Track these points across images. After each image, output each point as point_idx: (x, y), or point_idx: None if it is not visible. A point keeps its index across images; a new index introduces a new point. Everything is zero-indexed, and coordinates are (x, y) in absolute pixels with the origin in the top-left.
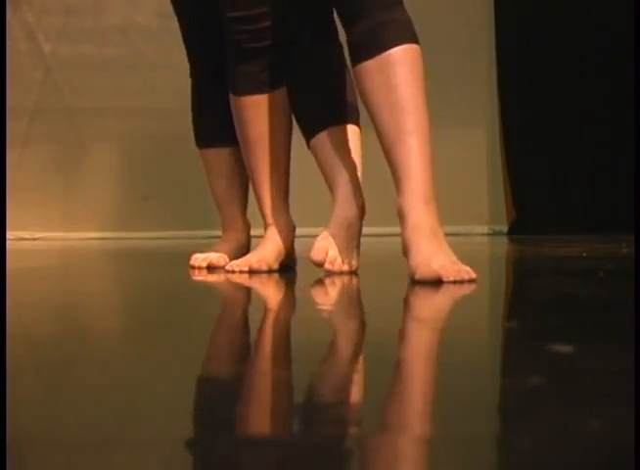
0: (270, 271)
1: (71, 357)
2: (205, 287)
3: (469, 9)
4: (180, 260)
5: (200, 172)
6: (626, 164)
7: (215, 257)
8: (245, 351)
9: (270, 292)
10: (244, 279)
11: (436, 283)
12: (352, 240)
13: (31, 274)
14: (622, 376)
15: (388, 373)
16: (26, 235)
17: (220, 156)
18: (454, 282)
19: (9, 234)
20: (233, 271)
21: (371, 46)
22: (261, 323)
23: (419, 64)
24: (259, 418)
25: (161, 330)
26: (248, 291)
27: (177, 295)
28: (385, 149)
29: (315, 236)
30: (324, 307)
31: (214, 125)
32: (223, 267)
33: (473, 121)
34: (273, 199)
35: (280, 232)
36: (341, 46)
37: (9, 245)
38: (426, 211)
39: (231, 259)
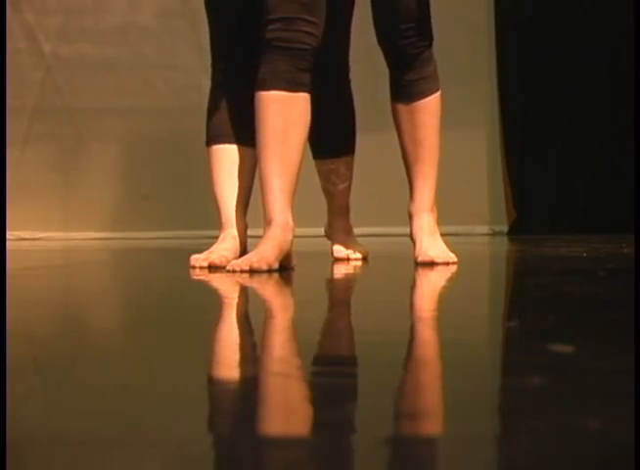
0: (270, 271)
1: (72, 357)
2: (206, 287)
3: (469, 9)
4: (180, 260)
5: (199, 172)
6: (627, 164)
7: (217, 257)
8: (245, 351)
9: (270, 292)
10: (244, 279)
11: (431, 264)
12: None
13: (31, 274)
14: (622, 376)
15: (389, 373)
16: (26, 235)
17: (227, 152)
18: (442, 264)
19: (9, 234)
20: (234, 271)
21: (409, 95)
22: (261, 323)
23: (438, 107)
24: (260, 418)
25: (162, 330)
26: (248, 291)
27: (177, 295)
28: (405, 164)
29: (314, 236)
30: (325, 308)
31: (227, 123)
32: (224, 267)
33: (473, 121)
34: (279, 197)
35: (281, 230)
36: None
37: (9, 245)
38: (427, 217)
39: (230, 259)
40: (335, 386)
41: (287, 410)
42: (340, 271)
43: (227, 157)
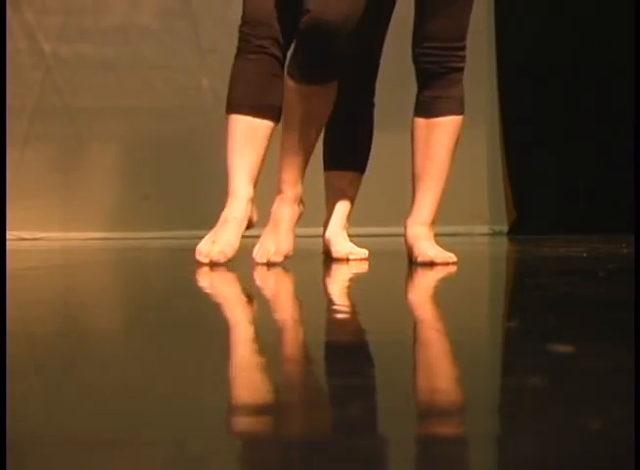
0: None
1: (72, 357)
2: (206, 287)
3: None
4: (180, 260)
5: (199, 172)
6: (627, 164)
7: (216, 253)
8: (245, 350)
9: (271, 292)
10: (243, 279)
11: (431, 264)
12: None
13: (31, 274)
14: (622, 376)
15: (389, 374)
16: (26, 235)
17: (244, 123)
18: (442, 264)
19: (9, 234)
20: (257, 263)
21: (427, 110)
22: (262, 323)
23: (455, 130)
24: (260, 418)
25: (162, 330)
26: (248, 291)
27: (178, 295)
28: (413, 176)
29: (314, 236)
30: (325, 309)
31: (249, 94)
32: (223, 263)
33: (473, 121)
34: (294, 170)
35: (288, 202)
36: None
37: (9, 245)
38: (423, 228)
39: (229, 255)
40: (335, 386)
41: (289, 410)
42: (339, 271)
43: (244, 127)
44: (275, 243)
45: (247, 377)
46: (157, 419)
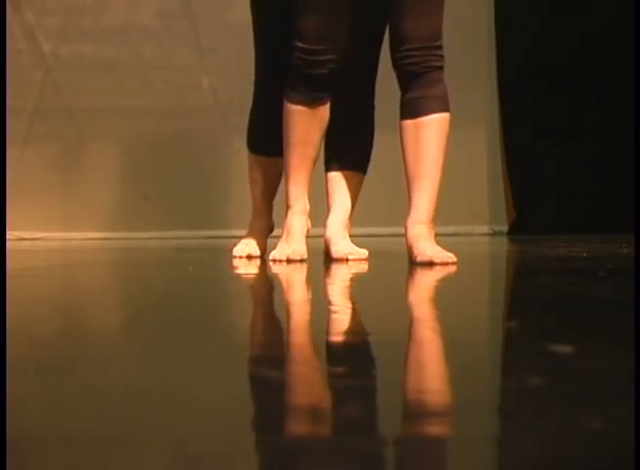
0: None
1: (72, 357)
2: (206, 287)
3: (468, 9)
4: (180, 260)
5: (199, 172)
6: (627, 164)
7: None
8: (246, 350)
9: (270, 293)
10: (244, 279)
11: (430, 264)
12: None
13: (31, 274)
14: (622, 376)
15: (389, 374)
16: (26, 235)
17: (273, 163)
18: (441, 263)
19: (9, 234)
20: (274, 261)
21: (412, 112)
22: (262, 323)
23: (443, 128)
24: (259, 418)
25: (162, 330)
26: (247, 291)
27: (178, 295)
28: (407, 178)
29: (315, 236)
30: (325, 309)
31: (278, 136)
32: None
33: (473, 122)
34: (299, 185)
35: (298, 214)
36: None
37: (9, 245)
38: (423, 227)
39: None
40: (335, 387)
41: (288, 410)
42: (338, 272)
43: (273, 165)
44: (290, 247)
45: (247, 377)
46: (157, 419)
